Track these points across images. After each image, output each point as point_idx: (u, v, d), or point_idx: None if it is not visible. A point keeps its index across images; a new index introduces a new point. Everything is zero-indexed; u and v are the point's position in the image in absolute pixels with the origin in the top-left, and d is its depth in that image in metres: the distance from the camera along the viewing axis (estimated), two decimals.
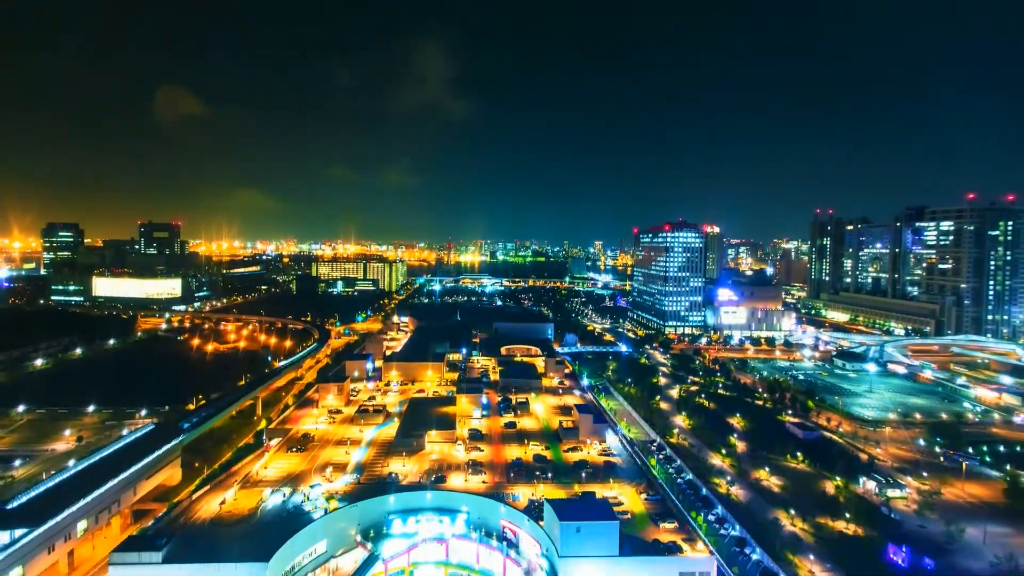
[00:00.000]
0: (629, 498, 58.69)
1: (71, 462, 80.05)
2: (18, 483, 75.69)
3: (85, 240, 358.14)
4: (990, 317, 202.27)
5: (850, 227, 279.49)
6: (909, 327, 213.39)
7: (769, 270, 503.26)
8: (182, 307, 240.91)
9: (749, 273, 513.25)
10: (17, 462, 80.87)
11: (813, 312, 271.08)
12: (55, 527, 51.74)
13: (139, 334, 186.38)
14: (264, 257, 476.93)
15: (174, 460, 73.85)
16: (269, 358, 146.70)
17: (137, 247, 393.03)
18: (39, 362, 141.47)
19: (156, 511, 66.84)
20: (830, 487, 74.10)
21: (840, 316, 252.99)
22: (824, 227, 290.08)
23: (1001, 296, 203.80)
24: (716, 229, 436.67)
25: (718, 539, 59.17)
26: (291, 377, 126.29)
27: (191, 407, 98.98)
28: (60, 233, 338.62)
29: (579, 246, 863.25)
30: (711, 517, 64.41)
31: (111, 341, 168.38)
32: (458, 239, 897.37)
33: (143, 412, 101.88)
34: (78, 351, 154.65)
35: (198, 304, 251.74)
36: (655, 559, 46.30)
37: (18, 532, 48.72)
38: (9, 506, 51.69)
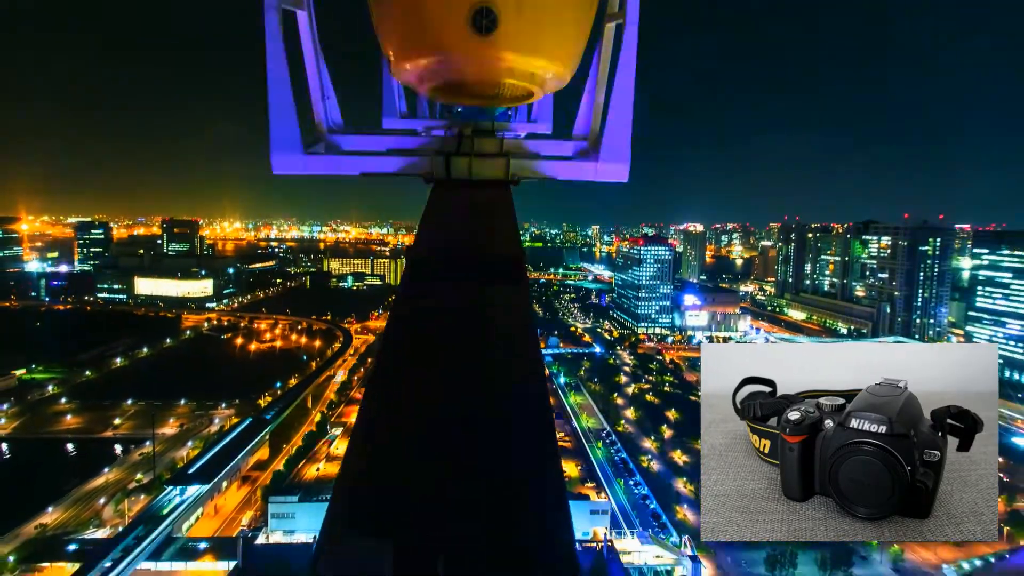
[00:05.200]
0: (569, 469, 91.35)
1: (190, 443, 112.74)
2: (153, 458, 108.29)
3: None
4: (918, 321, 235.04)
5: (811, 235, 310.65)
6: (852, 327, 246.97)
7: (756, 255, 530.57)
8: (213, 304, 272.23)
9: (739, 262, 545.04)
10: (147, 443, 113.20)
11: (777, 310, 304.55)
12: (215, 485, 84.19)
13: (187, 332, 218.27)
14: (276, 249, 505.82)
15: (264, 443, 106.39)
16: (304, 358, 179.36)
17: (159, 242, 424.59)
18: (118, 360, 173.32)
19: (256, 477, 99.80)
20: None
21: (799, 315, 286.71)
22: (789, 233, 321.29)
23: (928, 303, 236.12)
24: (699, 227, 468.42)
25: (630, 495, 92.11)
26: (328, 375, 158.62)
27: (261, 401, 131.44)
28: (92, 231, 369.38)
29: (577, 228, 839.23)
30: (631, 482, 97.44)
31: (167, 340, 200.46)
32: None
33: (222, 405, 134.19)
34: (145, 350, 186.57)
35: (226, 301, 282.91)
36: (572, 503, 78.67)
37: (197, 488, 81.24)
38: (189, 471, 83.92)
